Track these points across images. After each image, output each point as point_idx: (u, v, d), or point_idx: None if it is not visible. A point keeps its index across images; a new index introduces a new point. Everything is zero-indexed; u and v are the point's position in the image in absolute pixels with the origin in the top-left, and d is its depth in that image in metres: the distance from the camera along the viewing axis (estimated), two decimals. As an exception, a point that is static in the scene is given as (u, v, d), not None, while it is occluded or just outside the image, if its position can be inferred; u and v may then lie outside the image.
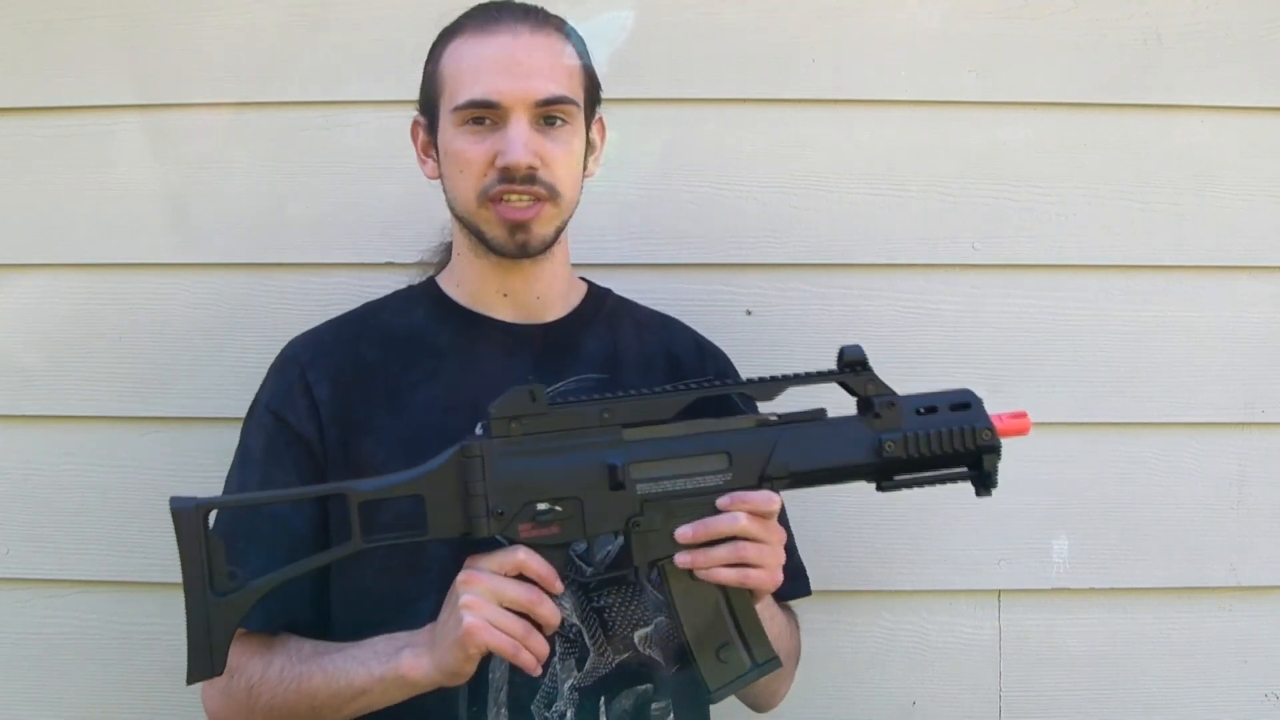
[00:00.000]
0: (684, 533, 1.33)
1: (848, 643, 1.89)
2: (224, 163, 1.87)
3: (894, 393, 1.41)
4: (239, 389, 1.80)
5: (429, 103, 1.51)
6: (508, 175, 1.43)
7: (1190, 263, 1.91)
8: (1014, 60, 1.90)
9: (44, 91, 1.87)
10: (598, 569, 1.44)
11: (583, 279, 1.65)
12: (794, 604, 1.66)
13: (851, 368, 1.42)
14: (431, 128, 1.52)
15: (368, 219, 1.86)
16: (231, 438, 1.59)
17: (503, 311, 1.55)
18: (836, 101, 1.90)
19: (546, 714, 1.44)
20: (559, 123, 1.47)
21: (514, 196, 1.44)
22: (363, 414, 1.48)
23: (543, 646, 1.31)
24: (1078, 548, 1.90)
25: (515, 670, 1.40)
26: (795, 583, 1.64)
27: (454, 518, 1.33)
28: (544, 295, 1.56)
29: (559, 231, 1.51)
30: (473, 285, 1.55)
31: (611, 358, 1.56)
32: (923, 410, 1.42)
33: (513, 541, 1.33)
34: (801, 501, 1.81)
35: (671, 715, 1.51)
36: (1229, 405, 1.90)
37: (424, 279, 1.63)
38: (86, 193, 1.86)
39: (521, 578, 1.31)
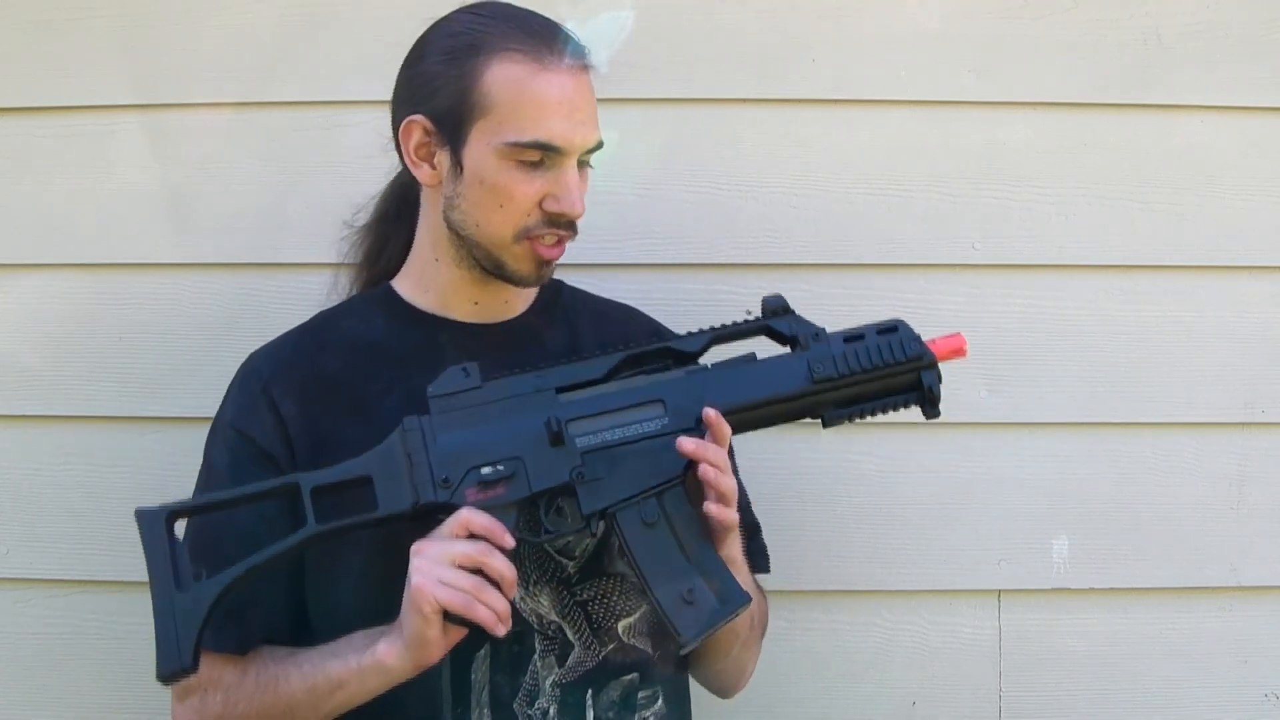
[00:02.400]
0: (685, 444, 1.34)
1: (848, 643, 1.89)
2: (224, 163, 1.87)
3: (818, 326, 1.44)
4: (239, 389, 1.80)
5: (451, 115, 1.43)
6: (556, 220, 1.43)
7: (1190, 263, 1.91)
8: (1014, 60, 1.90)
9: (44, 91, 1.87)
10: (577, 563, 1.44)
11: None
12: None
13: (775, 314, 1.44)
14: (451, 139, 1.44)
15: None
16: (231, 437, 1.59)
17: (467, 315, 1.54)
18: (836, 101, 1.90)
19: (529, 711, 1.44)
20: (587, 165, 1.48)
21: (550, 238, 1.45)
22: (330, 426, 1.46)
23: (500, 602, 1.30)
24: (1078, 548, 1.90)
25: (496, 670, 1.41)
26: (756, 559, 1.64)
27: (402, 491, 1.35)
28: (511, 299, 1.56)
29: None
30: (443, 292, 1.53)
31: (571, 349, 1.54)
32: (850, 339, 1.44)
33: (461, 506, 1.33)
34: (801, 501, 1.83)
35: (659, 702, 1.51)
36: (1229, 405, 1.90)
37: (381, 286, 1.59)
38: (86, 193, 1.86)
39: (472, 538, 1.31)
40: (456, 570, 1.29)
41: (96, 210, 1.86)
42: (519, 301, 1.57)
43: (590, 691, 1.46)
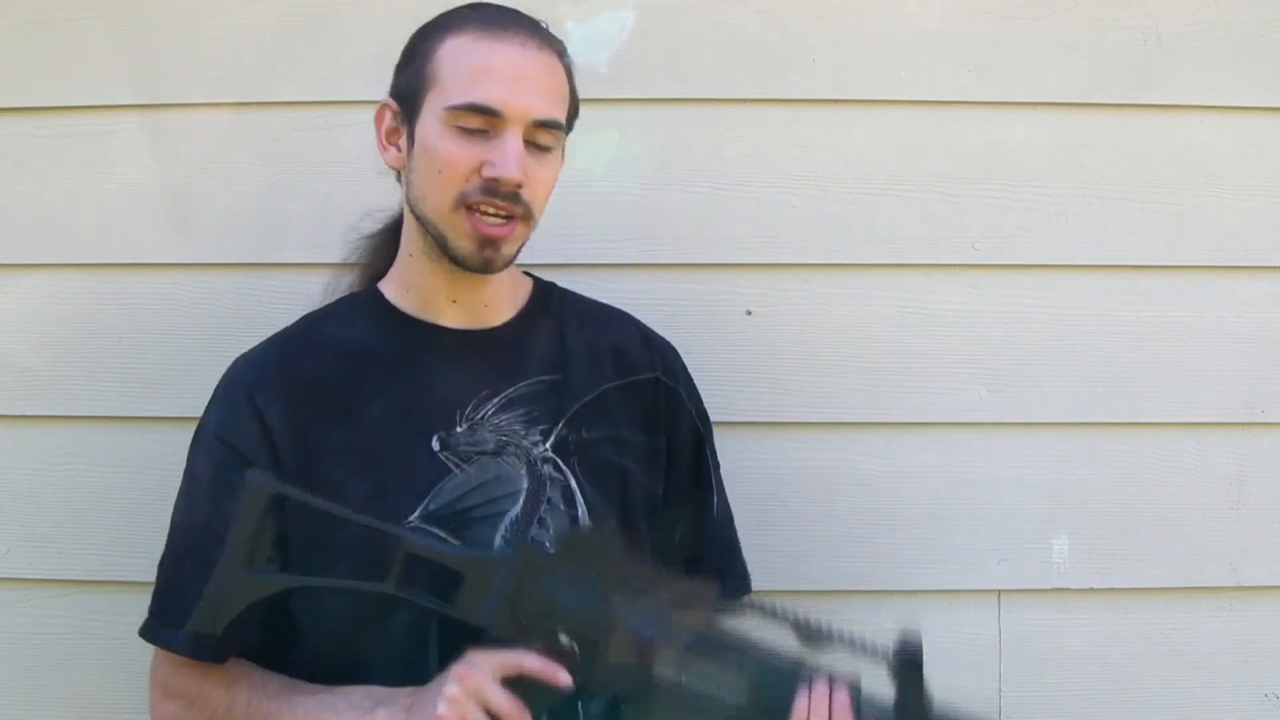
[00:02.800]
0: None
1: (848, 643, 1.89)
2: (224, 163, 1.87)
3: (929, 702, 1.39)
4: (239, 389, 1.80)
5: (409, 90, 1.44)
6: (493, 188, 1.39)
7: (1190, 263, 1.91)
8: (1014, 60, 1.90)
9: (44, 91, 1.87)
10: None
11: (526, 274, 1.62)
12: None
13: (904, 662, 1.39)
14: (406, 117, 1.45)
15: (367, 219, 1.86)
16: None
17: (450, 318, 1.51)
18: (836, 101, 1.90)
19: None
20: (546, 145, 1.44)
21: (491, 210, 1.41)
22: (318, 434, 1.44)
23: None
24: (1078, 548, 1.90)
25: None
26: (740, 582, 1.66)
27: (480, 607, 1.33)
28: (492, 301, 1.53)
29: (519, 251, 1.48)
30: (422, 291, 1.51)
31: (560, 357, 1.54)
32: None
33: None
34: (802, 501, 1.82)
35: None
36: (1229, 405, 1.90)
37: (367, 287, 1.59)
38: (86, 193, 1.86)
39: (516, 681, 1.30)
40: (475, 705, 1.28)
41: (96, 210, 1.86)
42: (502, 305, 1.55)
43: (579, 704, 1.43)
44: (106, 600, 1.86)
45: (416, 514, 1.42)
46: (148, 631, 1.47)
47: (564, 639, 1.32)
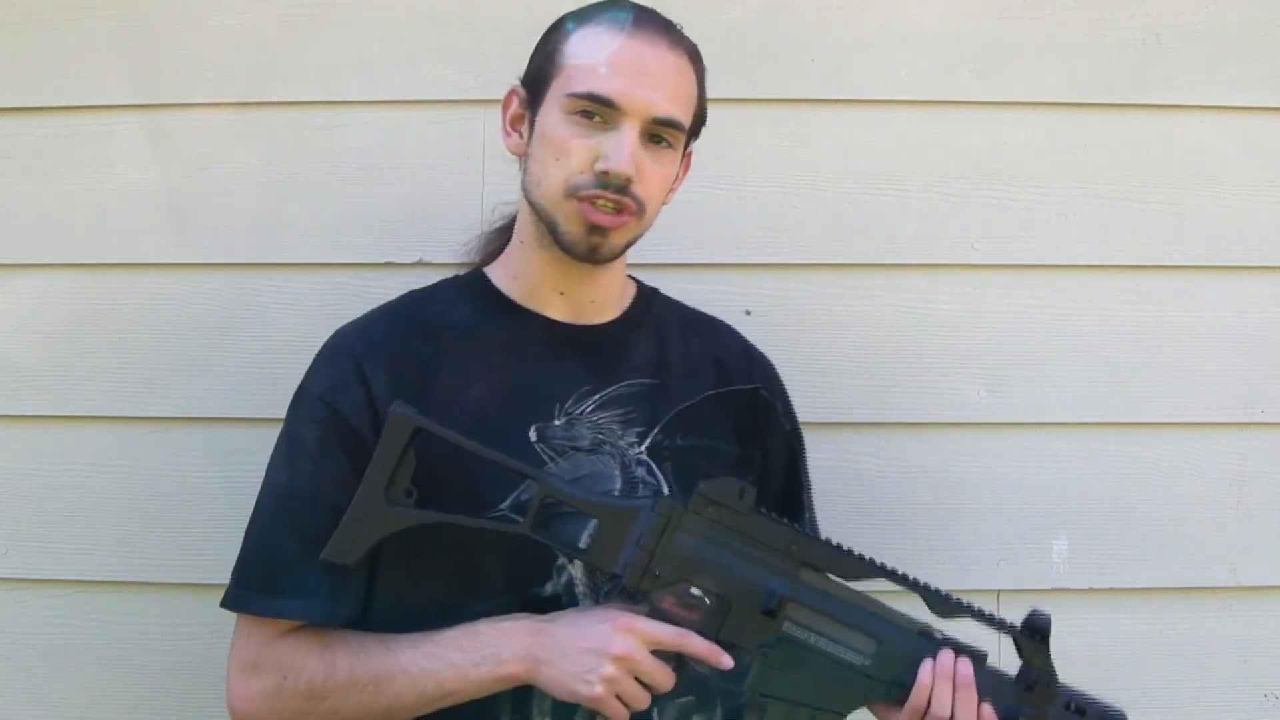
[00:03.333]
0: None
1: (847, 643, 1.89)
2: (224, 163, 1.87)
3: (1055, 676, 1.41)
4: (239, 389, 1.81)
5: (538, 77, 1.45)
6: (604, 180, 1.40)
7: (1190, 263, 1.91)
8: (1014, 60, 1.90)
9: (44, 91, 1.87)
10: None
11: (631, 278, 1.62)
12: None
13: (1032, 634, 1.41)
14: (532, 103, 1.45)
15: (367, 219, 1.86)
16: (231, 438, 1.59)
17: (555, 310, 1.51)
18: (837, 101, 1.90)
19: None
20: (664, 144, 1.44)
21: (601, 201, 1.40)
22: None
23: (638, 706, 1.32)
24: (1078, 548, 1.90)
25: None
26: None
27: (614, 555, 1.35)
28: (599, 299, 1.53)
29: (629, 245, 1.48)
30: (530, 279, 1.51)
31: (659, 363, 1.53)
32: (1072, 707, 1.42)
33: (653, 605, 1.34)
34: (801, 501, 1.81)
35: None
36: (1229, 405, 1.90)
37: (474, 269, 1.58)
38: (86, 193, 1.86)
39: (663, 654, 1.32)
40: (638, 690, 1.31)
41: (96, 210, 1.86)
42: (608, 304, 1.54)
43: (654, 710, 1.41)
44: (106, 600, 1.86)
45: (507, 502, 1.41)
46: (238, 602, 1.41)
47: (696, 592, 1.34)
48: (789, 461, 1.62)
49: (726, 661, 1.33)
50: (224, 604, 1.42)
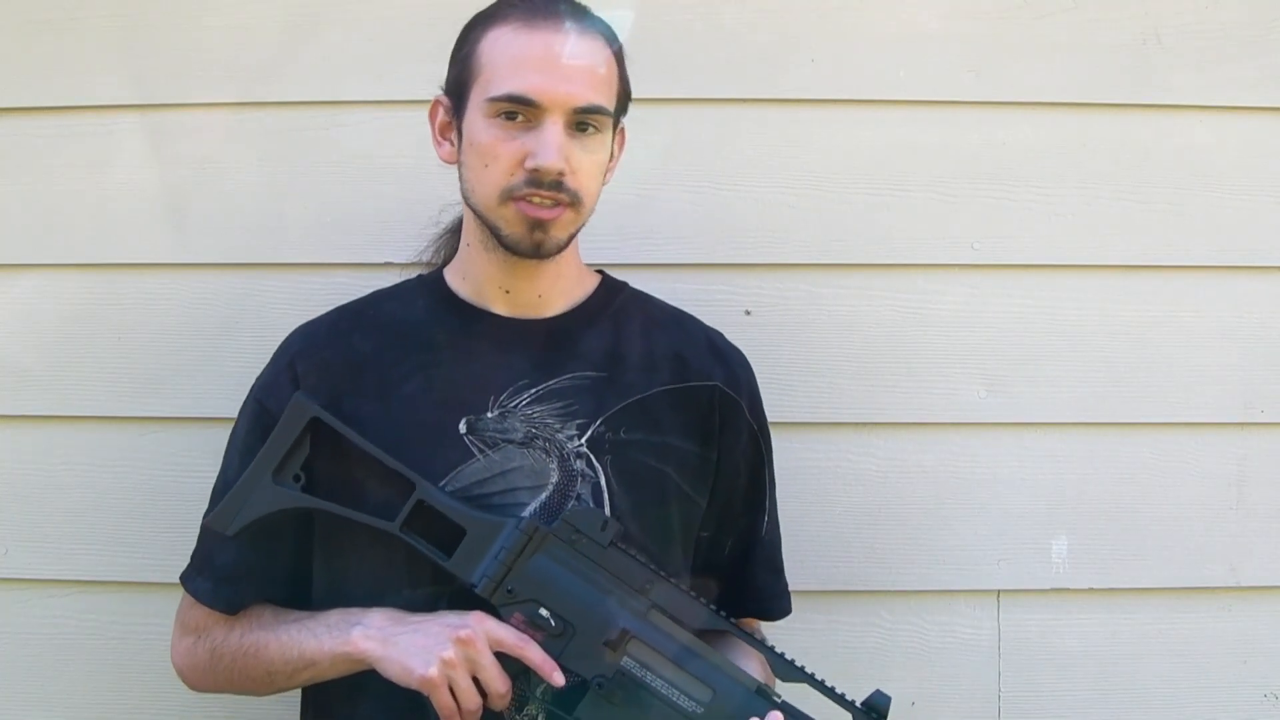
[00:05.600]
0: None
1: (847, 643, 1.89)
2: (223, 163, 1.87)
3: None
4: (238, 389, 1.79)
5: (458, 84, 1.46)
6: (536, 179, 1.40)
7: (1190, 263, 1.91)
8: (1014, 60, 1.90)
9: (44, 91, 1.87)
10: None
11: (599, 271, 1.62)
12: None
13: (869, 712, 1.42)
14: (457, 110, 1.47)
15: (367, 219, 1.86)
16: (231, 438, 1.59)
17: (502, 307, 1.53)
18: (836, 101, 1.90)
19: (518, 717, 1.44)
20: (590, 130, 1.44)
21: (538, 199, 1.41)
22: (349, 405, 1.47)
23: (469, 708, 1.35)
24: (1077, 548, 1.90)
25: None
26: (781, 601, 1.66)
27: (475, 567, 1.39)
28: (546, 293, 1.54)
29: (572, 237, 1.48)
30: (477, 278, 1.53)
31: (611, 355, 1.53)
32: None
33: (501, 619, 1.37)
34: (801, 501, 1.82)
35: None
36: (1228, 405, 1.90)
37: (433, 271, 1.61)
38: (85, 193, 1.86)
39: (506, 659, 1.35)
40: (471, 688, 1.33)
41: (96, 210, 1.86)
42: (557, 298, 1.55)
43: None
44: (106, 600, 1.86)
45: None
46: (183, 576, 1.54)
47: (544, 613, 1.37)
48: (754, 462, 1.61)
49: (558, 678, 1.35)
50: (180, 576, 1.55)
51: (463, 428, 1.46)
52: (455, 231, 1.63)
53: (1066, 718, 1.90)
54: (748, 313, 1.88)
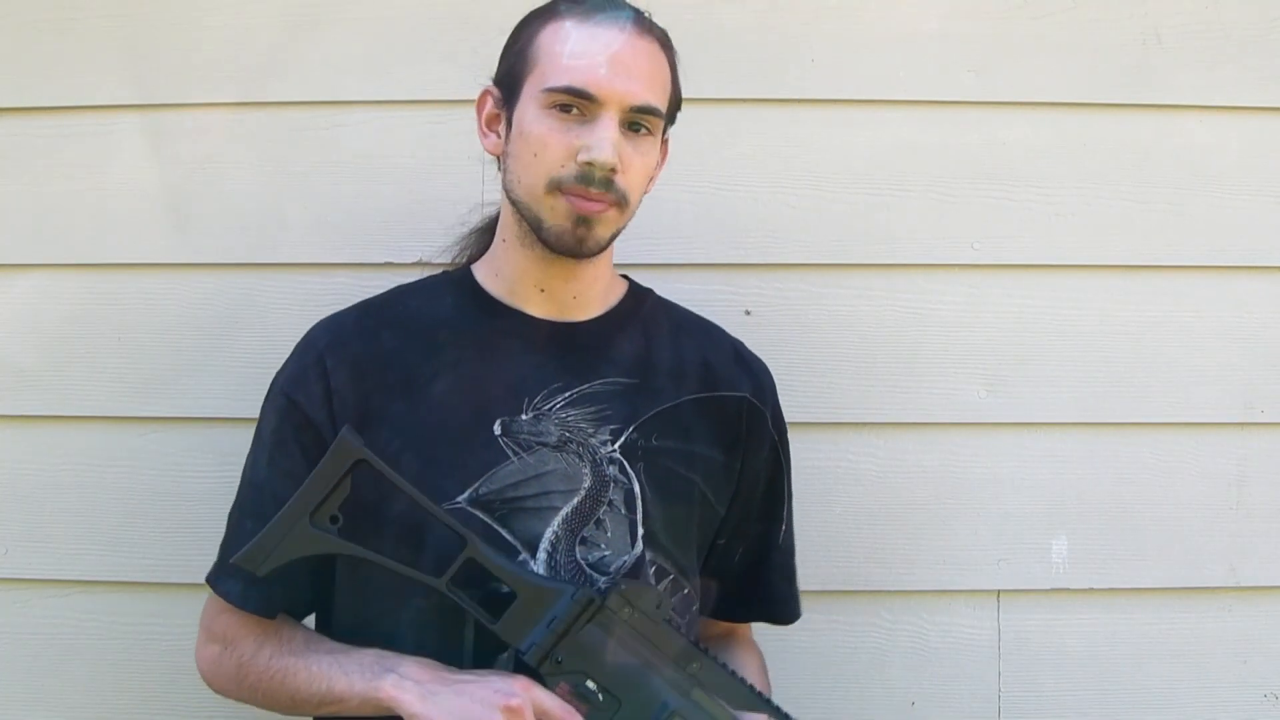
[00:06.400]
0: None
1: (847, 643, 1.89)
2: (223, 163, 1.87)
3: None
4: (238, 389, 1.81)
5: (511, 76, 1.45)
6: (588, 173, 1.39)
7: (1190, 263, 1.91)
8: (1014, 60, 1.90)
9: (44, 91, 1.87)
10: None
11: (625, 277, 1.62)
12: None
13: None
14: (507, 102, 1.46)
15: (367, 219, 1.86)
16: (231, 438, 1.59)
17: (536, 307, 1.51)
18: (836, 101, 1.90)
19: None
20: (643, 131, 1.43)
21: (584, 196, 1.40)
22: (378, 402, 1.45)
23: None
24: (1077, 548, 1.90)
25: None
26: (792, 606, 1.67)
27: (521, 631, 1.35)
28: (581, 295, 1.52)
29: (614, 238, 1.47)
30: (511, 276, 1.51)
31: (642, 361, 1.52)
32: None
33: (548, 689, 1.34)
34: (800, 501, 1.82)
35: None
36: (1228, 405, 1.90)
37: (460, 266, 1.59)
38: (85, 193, 1.86)
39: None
40: None
41: (95, 210, 1.86)
42: (592, 300, 1.53)
43: None
44: (106, 600, 1.86)
45: (465, 495, 1.41)
46: (210, 577, 1.50)
47: (591, 686, 1.35)
48: (773, 472, 1.61)
49: None
50: (206, 577, 1.51)
51: (498, 429, 1.44)
52: (483, 231, 1.61)
53: (1066, 718, 1.90)
54: (748, 313, 1.88)
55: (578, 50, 1.40)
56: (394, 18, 1.87)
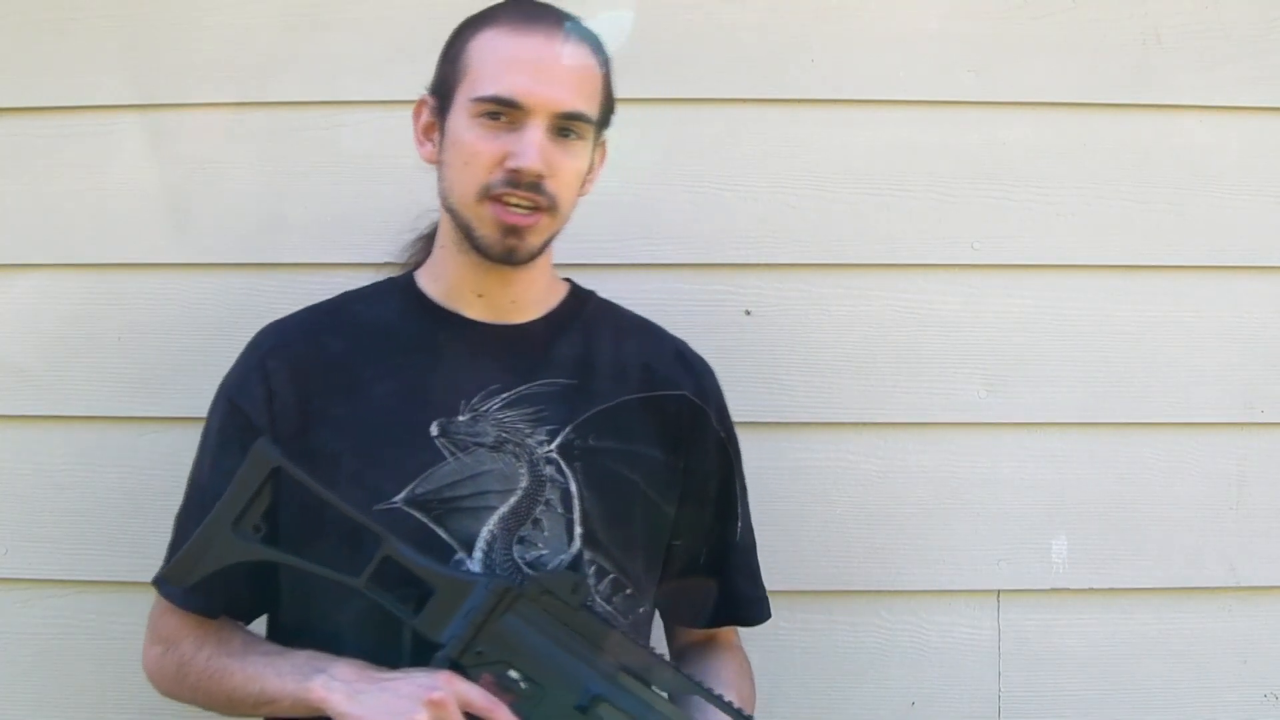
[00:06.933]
0: None
1: (847, 643, 1.89)
2: (223, 163, 1.87)
3: None
4: (238, 389, 1.80)
5: (444, 85, 1.48)
6: (515, 178, 1.41)
7: (1190, 263, 1.91)
8: (1014, 60, 1.90)
9: (44, 91, 1.87)
10: None
11: (567, 280, 1.63)
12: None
13: None
14: (441, 110, 1.48)
15: (367, 219, 1.86)
16: (230, 438, 1.59)
17: (475, 311, 1.53)
18: (836, 101, 1.90)
19: None
20: (571, 136, 1.45)
21: (515, 200, 1.42)
22: (320, 405, 1.47)
23: None
24: (1077, 548, 1.90)
25: None
26: (757, 608, 1.67)
27: (442, 625, 1.36)
28: (519, 299, 1.54)
29: (547, 244, 1.49)
30: (449, 281, 1.54)
31: (583, 363, 1.54)
32: None
33: (470, 680, 1.34)
34: (801, 501, 1.83)
35: None
36: (1228, 405, 1.90)
37: (406, 272, 1.61)
38: (85, 193, 1.86)
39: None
40: None
41: (96, 210, 1.87)
42: (530, 304, 1.55)
43: None
44: (106, 600, 1.86)
45: (402, 495, 1.43)
46: (155, 578, 1.52)
47: (514, 675, 1.35)
48: (723, 470, 1.62)
49: None
50: (152, 578, 1.52)
51: (434, 430, 1.46)
52: (430, 237, 1.63)
53: (1066, 718, 1.90)
54: (748, 313, 1.88)
55: (506, 59, 1.43)
56: (394, 18, 1.87)
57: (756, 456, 1.80)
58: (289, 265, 1.87)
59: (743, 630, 1.69)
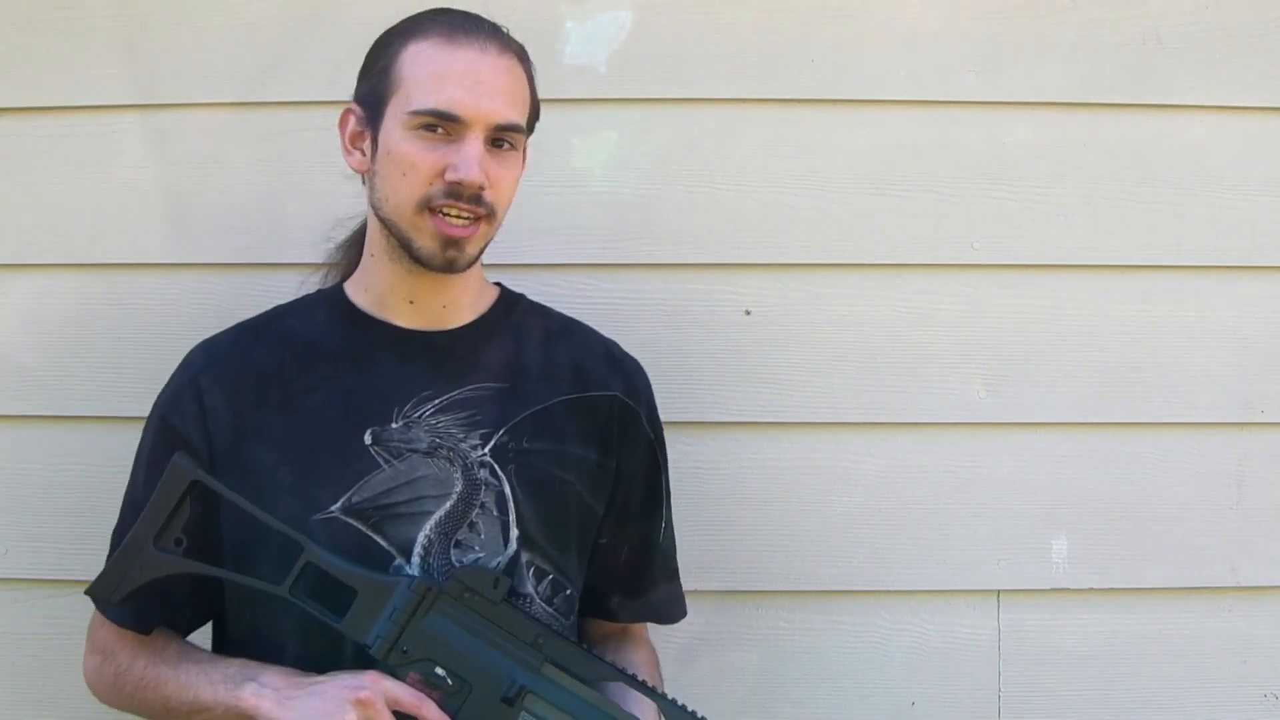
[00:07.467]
0: None
1: (847, 643, 1.89)
2: (223, 163, 1.87)
3: None
4: (238, 389, 1.80)
5: (374, 96, 1.48)
6: (456, 190, 1.42)
7: (1190, 263, 1.91)
8: (1014, 60, 1.90)
9: (44, 91, 1.87)
10: None
11: (497, 284, 1.64)
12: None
13: None
14: (371, 121, 1.49)
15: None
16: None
17: (406, 318, 1.54)
18: (836, 101, 1.90)
19: None
20: (506, 146, 1.47)
21: (454, 212, 1.43)
22: (254, 419, 1.48)
23: None
24: (1077, 548, 1.90)
25: None
26: (677, 606, 1.69)
27: (367, 627, 1.38)
28: (451, 304, 1.55)
29: (483, 251, 1.50)
30: (380, 290, 1.54)
31: (513, 366, 1.55)
32: None
33: (398, 679, 1.37)
34: (801, 501, 1.83)
35: None
36: (1228, 405, 1.90)
37: (334, 283, 1.62)
38: (85, 193, 1.86)
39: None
40: None
41: (96, 210, 1.87)
42: (462, 309, 1.56)
43: None
44: (106, 600, 1.86)
45: (339, 504, 1.45)
46: (87, 591, 1.51)
47: (440, 672, 1.38)
48: (650, 471, 1.63)
49: None
50: (86, 589, 1.51)
51: (368, 438, 1.47)
52: (351, 245, 1.64)
53: (1066, 718, 1.90)
54: (748, 313, 1.88)
55: (440, 72, 1.44)
56: (394, 18, 1.86)
57: (756, 456, 1.80)
58: (288, 265, 1.86)
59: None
